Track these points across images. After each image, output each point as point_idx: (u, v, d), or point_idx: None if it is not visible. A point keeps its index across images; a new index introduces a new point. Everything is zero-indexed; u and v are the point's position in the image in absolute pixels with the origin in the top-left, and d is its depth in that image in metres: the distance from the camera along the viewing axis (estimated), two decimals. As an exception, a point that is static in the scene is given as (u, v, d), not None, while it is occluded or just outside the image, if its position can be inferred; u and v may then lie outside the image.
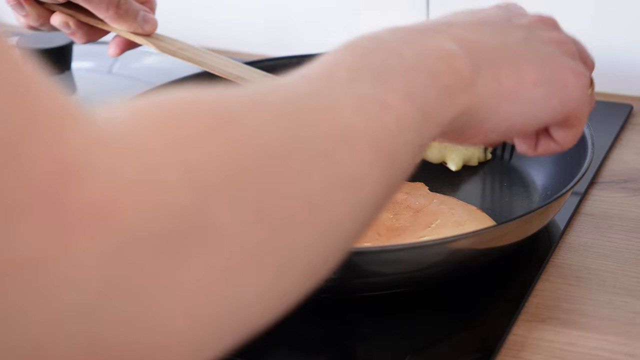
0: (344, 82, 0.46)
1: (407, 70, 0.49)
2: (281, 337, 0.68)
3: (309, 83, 0.46)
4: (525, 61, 0.56)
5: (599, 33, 1.04)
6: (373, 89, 0.47)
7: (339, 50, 0.49)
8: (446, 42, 0.52)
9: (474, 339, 0.68)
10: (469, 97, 0.52)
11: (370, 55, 0.49)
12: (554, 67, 0.57)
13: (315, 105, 0.44)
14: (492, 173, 0.87)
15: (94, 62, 1.10)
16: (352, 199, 0.43)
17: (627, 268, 0.74)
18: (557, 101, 0.57)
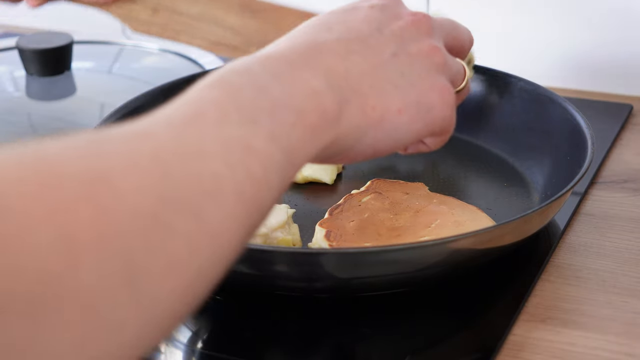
0: (210, 125, 0.47)
1: (274, 109, 0.50)
2: (281, 336, 0.68)
3: (176, 128, 0.46)
4: (392, 87, 0.58)
5: (599, 33, 1.04)
6: (240, 131, 0.47)
7: (207, 85, 0.50)
8: (314, 78, 0.54)
9: (474, 339, 0.68)
10: (334, 132, 0.54)
11: (239, 93, 0.49)
12: (420, 90, 0.59)
13: (182, 157, 0.44)
14: (492, 173, 0.87)
15: (94, 62, 1.10)
16: (215, 251, 0.44)
17: (627, 268, 0.74)
18: (421, 124, 0.60)
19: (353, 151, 0.57)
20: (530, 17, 1.07)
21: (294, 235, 0.75)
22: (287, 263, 0.67)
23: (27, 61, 1.02)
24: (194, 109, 0.47)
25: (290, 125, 0.50)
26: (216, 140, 0.46)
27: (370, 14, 0.60)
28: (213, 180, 0.44)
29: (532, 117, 0.89)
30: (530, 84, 0.90)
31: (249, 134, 0.47)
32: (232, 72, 0.51)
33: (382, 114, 0.57)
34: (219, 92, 0.49)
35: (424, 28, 0.61)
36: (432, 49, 0.61)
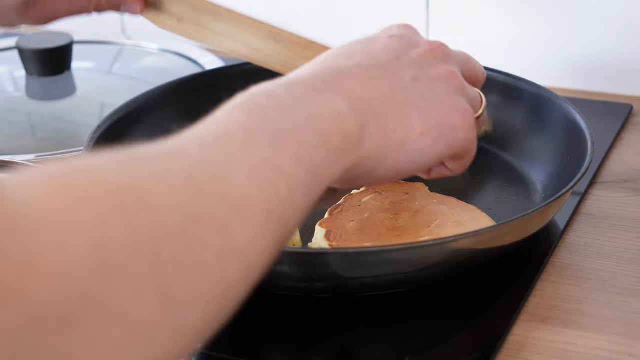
0: (239, 146, 0.48)
1: (299, 132, 0.51)
2: (281, 336, 0.68)
3: (205, 148, 0.47)
4: (414, 109, 0.59)
5: (599, 33, 1.04)
6: (267, 152, 0.49)
7: (235, 107, 0.51)
8: (337, 102, 0.55)
9: (474, 339, 0.68)
10: (356, 155, 0.55)
11: (265, 115, 0.51)
12: (441, 111, 0.60)
13: (212, 175, 0.46)
14: (492, 173, 0.87)
15: (94, 62, 1.10)
16: (244, 267, 0.45)
17: (627, 268, 0.74)
18: (443, 146, 0.61)
19: (375, 173, 0.58)
20: (531, 17, 1.07)
21: (294, 235, 0.75)
22: (287, 263, 0.66)
23: (27, 61, 1.02)
24: (222, 129, 0.49)
25: (314, 148, 0.51)
26: (244, 161, 0.47)
27: (389, 43, 0.62)
28: (242, 198, 0.46)
29: (532, 117, 0.89)
30: (530, 84, 0.90)
31: (275, 155, 0.49)
32: (259, 95, 0.53)
33: (404, 136, 0.58)
34: (246, 114, 0.50)
35: (441, 55, 0.63)
36: (451, 73, 0.62)
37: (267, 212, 0.47)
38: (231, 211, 0.45)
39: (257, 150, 0.48)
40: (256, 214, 0.46)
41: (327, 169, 0.52)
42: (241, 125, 0.49)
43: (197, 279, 0.42)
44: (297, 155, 0.50)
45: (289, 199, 0.48)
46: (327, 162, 0.52)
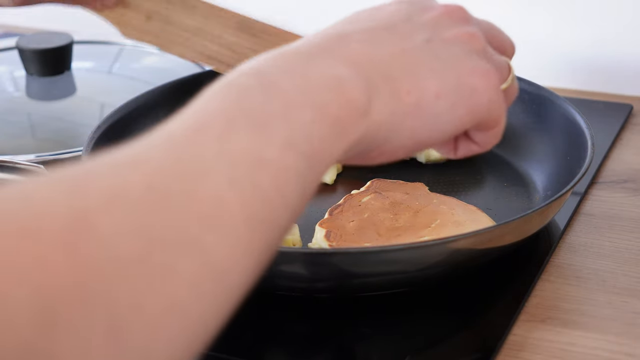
0: (215, 139, 0.42)
1: (289, 110, 0.45)
2: (281, 336, 0.68)
3: (175, 148, 0.41)
4: (427, 70, 0.52)
5: (599, 33, 1.04)
6: (249, 142, 0.43)
7: (215, 92, 0.45)
8: (335, 67, 0.48)
9: (474, 339, 0.68)
10: (364, 124, 0.48)
11: (248, 97, 0.45)
12: (459, 72, 0.53)
13: (180, 183, 0.40)
14: (492, 173, 0.87)
15: (94, 62, 1.10)
16: (223, 288, 0.40)
17: (627, 268, 0.74)
18: (464, 110, 0.53)
19: (390, 144, 0.51)
20: (531, 17, 1.07)
21: (294, 235, 0.75)
22: (287, 263, 0.66)
23: (27, 61, 1.02)
24: (197, 121, 0.43)
25: (309, 124, 0.45)
26: (221, 157, 0.42)
27: (398, 7, 0.55)
28: (217, 207, 0.40)
29: (532, 117, 0.89)
30: (530, 84, 0.90)
31: (259, 143, 0.43)
32: (241, 74, 0.47)
33: (419, 99, 0.51)
34: (226, 99, 0.45)
35: (460, 17, 0.55)
36: (469, 34, 0.55)
37: (248, 218, 0.41)
38: (203, 225, 0.39)
39: (237, 142, 0.42)
40: (234, 222, 0.40)
41: (328, 146, 0.46)
42: (219, 114, 0.43)
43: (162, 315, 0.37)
44: (287, 139, 0.44)
45: (278, 195, 0.43)
46: (327, 139, 0.46)
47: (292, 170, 0.44)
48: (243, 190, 0.41)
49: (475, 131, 0.56)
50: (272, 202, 0.42)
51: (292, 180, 0.44)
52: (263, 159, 0.43)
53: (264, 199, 0.42)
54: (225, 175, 0.41)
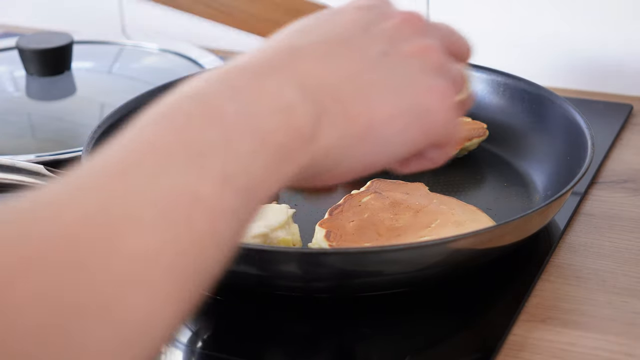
0: (147, 175, 0.39)
1: (230, 139, 0.42)
2: (281, 336, 0.68)
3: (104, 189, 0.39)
4: (382, 90, 0.49)
5: (599, 33, 1.04)
6: (184, 177, 0.40)
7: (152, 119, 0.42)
8: (284, 89, 0.46)
9: (474, 339, 0.68)
10: (311, 150, 0.46)
11: (187, 125, 0.42)
12: (415, 91, 0.50)
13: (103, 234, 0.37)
14: (492, 173, 0.87)
15: (94, 62, 1.10)
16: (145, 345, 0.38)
17: (627, 268, 0.74)
18: (418, 131, 0.51)
19: (339, 169, 0.49)
20: (531, 17, 1.07)
21: (294, 235, 0.75)
22: (287, 263, 0.66)
23: (27, 61, 1.02)
24: (130, 155, 0.40)
25: (251, 155, 0.43)
26: (152, 199, 0.39)
27: (355, 15, 0.52)
28: (142, 258, 0.38)
29: (532, 117, 0.89)
30: (530, 84, 0.90)
31: (194, 178, 0.40)
32: (183, 96, 0.44)
33: (370, 121, 0.48)
34: (163, 128, 0.42)
35: (418, 26, 0.53)
36: (427, 47, 0.52)
37: (177, 266, 0.38)
38: (126, 281, 0.37)
39: (171, 178, 0.40)
40: (162, 273, 0.38)
41: (271, 176, 0.44)
42: (153, 146, 0.41)
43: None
44: (225, 172, 0.41)
45: (211, 234, 0.40)
46: (269, 168, 0.43)
47: (227, 207, 0.41)
48: (172, 236, 0.39)
49: (428, 148, 0.54)
50: (204, 243, 0.40)
51: (227, 218, 0.41)
52: (197, 197, 0.40)
53: (194, 242, 0.40)
54: (156, 219, 0.39)
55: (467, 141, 0.88)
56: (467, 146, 0.88)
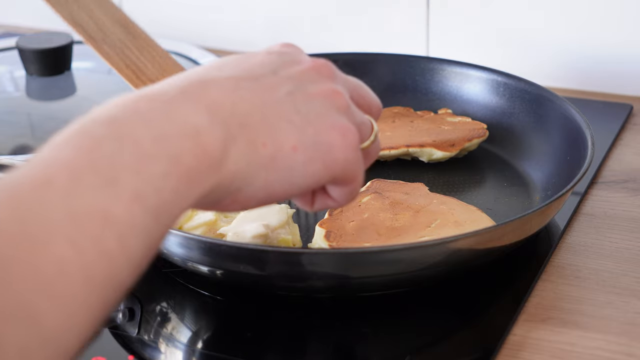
0: (59, 195, 0.41)
1: (141, 161, 0.44)
2: (281, 336, 0.68)
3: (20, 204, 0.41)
4: (286, 123, 0.52)
5: (599, 33, 1.04)
6: (95, 198, 0.42)
7: (63, 142, 0.44)
8: (195, 114, 0.48)
9: (474, 339, 0.68)
10: (217, 175, 0.48)
11: (98, 149, 0.44)
12: (318, 127, 0.52)
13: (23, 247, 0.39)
14: (492, 173, 0.87)
15: (94, 62, 1.10)
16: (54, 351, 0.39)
17: (627, 268, 0.74)
18: (320, 165, 0.52)
19: (242, 195, 0.51)
20: (531, 17, 1.07)
21: (294, 235, 0.75)
22: (287, 263, 0.67)
23: (27, 61, 1.02)
24: (42, 174, 0.42)
25: (160, 177, 0.44)
26: (65, 215, 0.41)
27: (266, 58, 0.54)
28: (56, 271, 0.40)
29: (532, 117, 0.89)
30: (530, 84, 0.90)
31: (106, 199, 0.42)
32: (94, 121, 0.45)
33: (275, 152, 0.50)
34: (74, 151, 0.43)
35: (326, 73, 0.55)
36: (333, 91, 0.54)
37: (88, 280, 0.40)
38: (40, 292, 0.39)
39: (83, 198, 0.41)
40: (73, 287, 0.40)
41: (179, 199, 0.45)
42: (66, 167, 0.42)
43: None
44: (136, 193, 0.43)
45: (121, 252, 0.42)
46: (178, 190, 0.45)
47: (139, 226, 0.43)
48: (85, 251, 0.41)
49: (332, 186, 0.55)
50: (115, 260, 0.42)
51: (137, 236, 0.43)
52: (109, 215, 0.42)
53: (107, 258, 0.42)
54: (68, 237, 0.41)
55: (467, 141, 0.88)
56: (467, 146, 0.88)
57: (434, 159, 0.88)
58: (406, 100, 0.97)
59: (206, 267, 0.69)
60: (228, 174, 0.49)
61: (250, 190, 0.51)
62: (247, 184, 0.50)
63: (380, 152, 0.87)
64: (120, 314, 0.69)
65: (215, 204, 0.51)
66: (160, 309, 0.70)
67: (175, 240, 0.68)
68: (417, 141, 0.88)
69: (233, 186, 0.50)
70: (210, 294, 0.71)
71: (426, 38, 1.11)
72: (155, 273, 0.74)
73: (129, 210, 0.43)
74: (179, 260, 0.70)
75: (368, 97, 0.58)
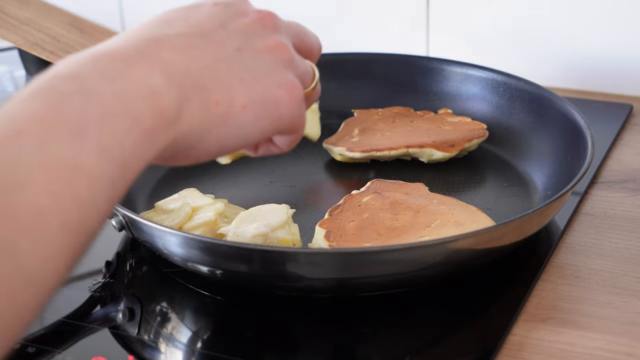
0: (33, 146, 0.43)
1: (106, 116, 0.47)
2: (281, 336, 0.68)
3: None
4: (237, 82, 0.55)
5: (599, 33, 1.04)
6: (67, 149, 0.44)
7: (31, 95, 0.46)
8: (151, 75, 0.50)
9: (474, 339, 0.68)
10: (173, 132, 0.51)
11: (66, 103, 0.46)
12: (266, 85, 0.56)
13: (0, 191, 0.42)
14: (492, 173, 0.87)
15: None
16: (37, 292, 0.42)
17: (627, 268, 0.74)
18: (268, 121, 0.56)
19: (196, 150, 0.54)
20: (531, 17, 1.07)
21: (294, 235, 0.75)
22: (287, 263, 0.67)
23: (27, 61, 1.02)
24: (14, 126, 0.44)
25: (124, 133, 0.47)
26: (38, 164, 0.43)
27: (213, 11, 0.57)
28: (34, 214, 0.42)
29: (532, 117, 0.89)
30: (530, 84, 0.90)
31: (76, 151, 0.45)
32: (59, 77, 0.47)
33: (227, 110, 0.54)
34: (44, 104, 0.45)
35: (270, 24, 0.58)
36: (278, 44, 0.58)
37: (64, 224, 0.43)
38: (20, 231, 0.41)
39: (55, 149, 0.44)
40: (51, 229, 0.42)
41: (139, 154, 0.48)
42: (37, 120, 0.44)
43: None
44: (103, 146, 0.46)
45: (91, 201, 0.45)
46: (138, 147, 0.48)
47: (106, 178, 0.46)
48: (60, 198, 0.43)
49: (277, 136, 0.60)
50: (86, 208, 0.45)
51: (105, 187, 0.46)
52: (79, 166, 0.45)
53: (79, 206, 0.44)
54: (43, 184, 0.43)
55: (467, 142, 0.88)
56: (467, 147, 0.88)
57: (434, 159, 0.88)
58: (406, 100, 0.97)
59: (206, 267, 0.69)
60: (182, 132, 0.52)
61: (203, 146, 0.54)
62: (200, 140, 0.54)
63: (380, 153, 0.88)
64: (120, 314, 0.69)
65: (171, 158, 0.54)
66: (160, 309, 0.70)
67: (175, 240, 0.68)
68: (417, 142, 0.88)
69: (187, 143, 0.53)
70: (210, 294, 0.71)
71: (426, 38, 1.11)
72: (155, 273, 0.74)
73: (97, 162, 0.45)
74: (179, 260, 0.70)
75: (309, 41, 0.63)
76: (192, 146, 0.54)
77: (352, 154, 0.89)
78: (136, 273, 0.75)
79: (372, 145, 0.89)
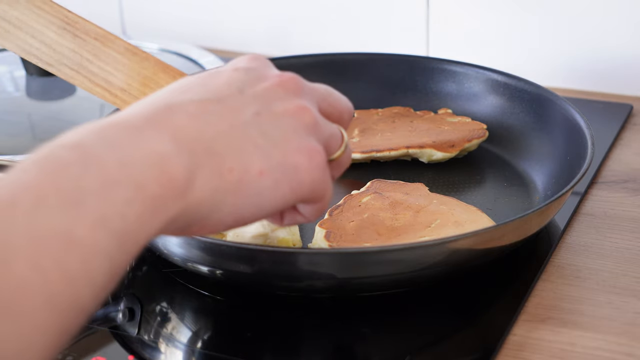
0: (24, 216, 0.41)
1: (106, 186, 0.44)
2: (281, 336, 0.68)
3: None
4: (253, 147, 0.52)
5: (599, 33, 1.04)
6: (59, 219, 0.42)
7: (29, 165, 0.44)
8: (160, 142, 0.48)
9: (474, 339, 0.68)
10: (183, 202, 0.48)
11: (64, 172, 0.44)
12: (284, 150, 0.52)
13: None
14: (492, 173, 0.87)
15: (94, 62, 1.10)
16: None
17: (627, 268, 0.74)
18: (287, 188, 0.53)
19: (210, 221, 0.51)
20: (531, 17, 1.07)
21: (294, 235, 0.75)
22: (287, 263, 0.67)
23: (27, 61, 1.02)
24: (8, 195, 0.42)
25: (125, 203, 0.45)
26: (28, 236, 0.41)
27: (233, 76, 0.54)
28: (17, 292, 0.40)
29: (532, 117, 0.89)
30: (530, 84, 0.90)
31: (68, 221, 0.42)
32: (62, 146, 0.45)
33: (241, 177, 0.51)
34: (40, 173, 0.43)
35: (292, 88, 0.55)
36: (300, 108, 0.54)
37: (49, 301, 0.40)
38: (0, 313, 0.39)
39: (47, 219, 0.42)
40: (34, 308, 0.40)
41: (144, 225, 0.45)
42: (30, 189, 0.42)
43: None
44: (101, 216, 0.43)
45: (84, 275, 0.42)
46: (143, 217, 0.45)
47: (102, 250, 0.43)
48: (47, 272, 0.41)
49: (301, 204, 0.56)
50: (77, 283, 0.42)
51: (100, 260, 0.43)
52: (72, 238, 0.42)
53: (68, 281, 0.42)
54: (30, 258, 0.41)
55: (467, 142, 0.88)
56: (467, 147, 0.88)
57: (434, 159, 0.88)
58: (406, 100, 0.97)
59: (206, 267, 0.69)
60: (194, 201, 0.49)
61: (218, 216, 0.51)
62: (215, 210, 0.50)
63: (380, 154, 0.88)
64: (120, 314, 0.69)
65: (183, 230, 0.51)
66: (160, 309, 0.70)
67: (175, 240, 0.68)
68: (417, 142, 0.88)
69: (200, 213, 0.50)
70: (210, 294, 0.71)
71: (426, 38, 1.11)
72: (155, 273, 0.74)
73: (93, 233, 0.43)
74: (179, 260, 0.70)
75: (338, 104, 0.58)
76: (206, 217, 0.50)
77: (352, 155, 0.89)
78: (136, 273, 0.75)
79: (372, 145, 0.89)
